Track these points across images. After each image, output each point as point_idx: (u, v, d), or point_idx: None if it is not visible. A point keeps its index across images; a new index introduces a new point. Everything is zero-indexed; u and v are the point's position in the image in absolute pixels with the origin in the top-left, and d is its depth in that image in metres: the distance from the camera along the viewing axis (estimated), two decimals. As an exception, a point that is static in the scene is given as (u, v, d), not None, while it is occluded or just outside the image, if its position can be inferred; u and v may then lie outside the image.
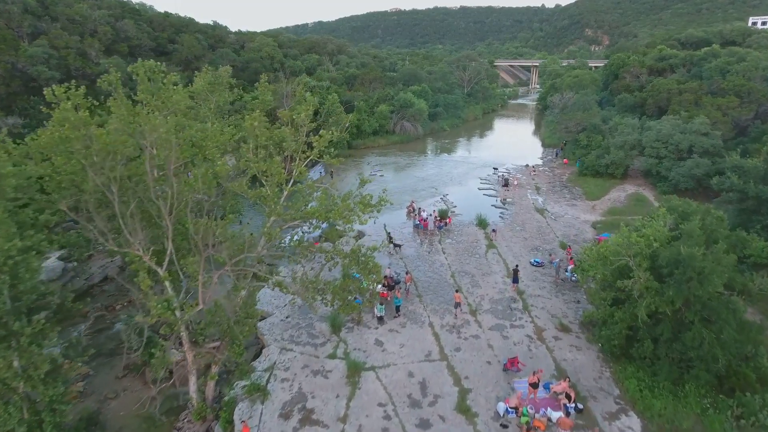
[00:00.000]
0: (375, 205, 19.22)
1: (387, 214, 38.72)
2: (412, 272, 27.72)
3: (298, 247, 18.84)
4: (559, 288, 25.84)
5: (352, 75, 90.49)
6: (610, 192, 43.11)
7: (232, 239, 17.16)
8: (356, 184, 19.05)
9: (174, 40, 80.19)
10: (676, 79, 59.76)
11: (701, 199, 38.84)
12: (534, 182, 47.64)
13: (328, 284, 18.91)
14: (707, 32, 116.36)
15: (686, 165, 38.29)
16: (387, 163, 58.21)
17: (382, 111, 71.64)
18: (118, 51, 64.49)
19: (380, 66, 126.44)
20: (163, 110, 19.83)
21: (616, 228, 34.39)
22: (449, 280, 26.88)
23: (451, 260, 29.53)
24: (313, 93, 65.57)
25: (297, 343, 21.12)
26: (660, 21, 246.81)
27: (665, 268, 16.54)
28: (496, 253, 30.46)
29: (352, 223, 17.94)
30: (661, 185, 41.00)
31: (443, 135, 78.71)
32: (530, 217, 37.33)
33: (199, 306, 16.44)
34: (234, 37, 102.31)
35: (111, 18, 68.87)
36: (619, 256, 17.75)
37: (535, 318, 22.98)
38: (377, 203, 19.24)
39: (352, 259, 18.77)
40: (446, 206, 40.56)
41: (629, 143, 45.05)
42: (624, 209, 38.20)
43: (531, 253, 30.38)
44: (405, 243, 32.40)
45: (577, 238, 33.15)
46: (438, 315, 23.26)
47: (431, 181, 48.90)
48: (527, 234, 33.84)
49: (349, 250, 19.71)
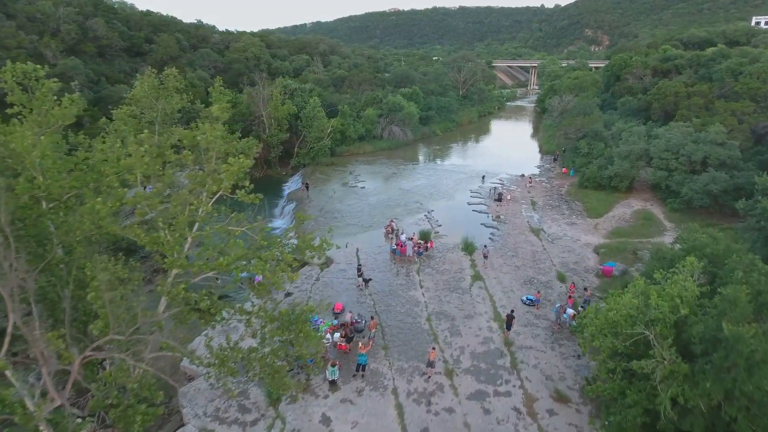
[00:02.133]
0: (317, 248, 14.85)
1: (363, 235, 34.40)
2: (380, 314, 23.25)
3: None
4: (555, 337, 21.40)
5: (339, 76, 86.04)
6: (613, 208, 38.65)
7: (112, 306, 12.63)
8: (331, 197, 14.61)
9: (152, 40, 75.81)
10: (683, 81, 55.32)
11: (717, 218, 34.49)
12: (529, 195, 43.17)
13: (252, 353, 14.46)
14: (710, 32, 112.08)
15: (701, 180, 33.83)
16: (371, 173, 53.75)
17: (369, 115, 67.17)
18: (84, 51, 60.04)
19: (374, 67, 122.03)
20: (45, 125, 15.44)
21: (622, 254, 30.13)
22: (424, 325, 22.41)
23: (429, 297, 25.06)
24: (294, 96, 61.20)
25: (222, 421, 16.61)
26: (660, 21, 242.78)
27: (698, 344, 12.11)
28: (482, 287, 25.99)
29: (279, 284, 13.47)
30: (671, 202, 36.55)
31: (435, 140, 74.24)
32: (524, 239, 32.86)
33: (56, 402, 11.98)
34: (219, 37, 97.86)
35: (79, 16, 64.38)
36: (633, 322, 13.31)
37: (525, 380, 18.53)
38: (319, 246, 14.88)
39: (281, 325, 14.27)
40: (430, 225, 36.11)
41: (635, 153, 40.62)
42: (630, 230, 33.74)
43: (524, 288, 25.92)
44: (378, 273, 27.91)
45: (578, 266, 28.69)
46: (405, 376, 18.79)
47: (416, 194, 44.43)
48: (520, 261, 29.38)
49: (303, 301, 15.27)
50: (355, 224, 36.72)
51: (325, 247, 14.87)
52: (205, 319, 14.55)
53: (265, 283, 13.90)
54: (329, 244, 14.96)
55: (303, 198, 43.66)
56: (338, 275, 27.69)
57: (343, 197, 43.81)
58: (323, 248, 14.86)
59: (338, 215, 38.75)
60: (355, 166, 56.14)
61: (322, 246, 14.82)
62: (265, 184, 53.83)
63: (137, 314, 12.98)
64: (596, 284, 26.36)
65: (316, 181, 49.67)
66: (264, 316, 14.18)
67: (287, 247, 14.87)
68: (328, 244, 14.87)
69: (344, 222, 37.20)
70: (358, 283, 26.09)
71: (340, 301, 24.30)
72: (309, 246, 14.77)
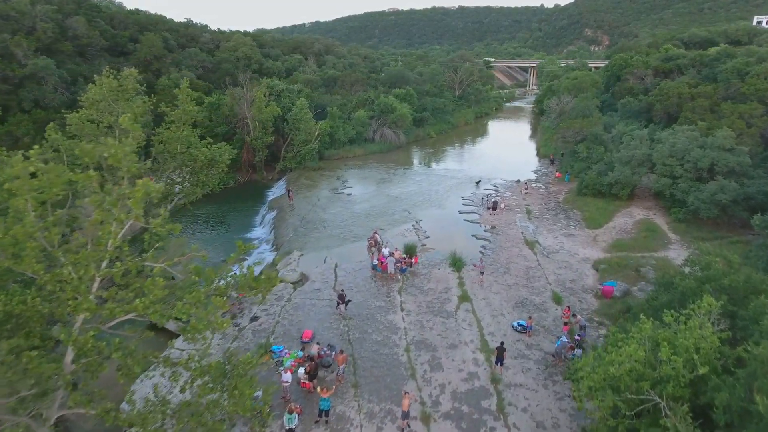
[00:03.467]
0: (260, 283, 12.43)
1: (344, 248, 32.02)
2: (353, 343, 20.79)
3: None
4: (549, 372, 18.93)
5: (331, 77, 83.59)
6: (614, 217, 36.18)
7: None
8: (315, 205, 12.21)
9: (137, 39, 73.26)
10: (687, 82, 52.88)
11: (726, 229, 32.04)
12: (525, 203, 40.70)
13: (184, 408, 12.00)
14: (711, 32, 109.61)
15: (708, 189, 31.36)
16: (360, 177, 51.32)
17: (361, 117, 64.72)
18: (61, 51, 57.55)
19: (370, 67, 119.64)
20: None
21: (624, 271, 27.64)
22: (401, 356, 19.95)
23: (410, 321, 22.61)
24: (281, 97, 58.74)
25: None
26: (661, 21, 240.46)
27: (721, 414, 9.67)
28: (469, 310, 23.54)
29: (203, 332, 11.00)
30: (676, 211, 34.06)
31: (429, 143, 71.77)
32: (517, 253, 30.40)
33: None
34: (209, 36, 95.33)
35: (58, 14, 61.88)
36: (639, 377, 10.86)
37: (512, 429, 16.08)
38: (264, 280, 12.47)
39: (213, 379, 11.79)
40: (417, 236, 33.69)
41: (637, 158, 38.14)
42: (632, 242, 31.26)
43: (515, 311, 23.46)
44: (356, 293, 25.42)
45: (575, 285, 26.23)
46: (375, 423, 16.32)
47: (405, 202, 41.96)
48: (512, 279, 26.92)
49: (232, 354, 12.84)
50: (337, 235, 34.27)
51: (269, 284, 12.45)
52: (123, 371, 12.08)
53: (192, 328, 11.44)
54: (274, 280, 12.54)
55: (285, 206, 41.21)
56: (312, 296, 25.24)
57: (328, 205, 41.37)
58: (269, 283, 12.44)
59: (320, 225, 36.30)
60: (344, 171, 53.70)
61: (267, 280, 12.40)
62: (250, 189, 51.53)
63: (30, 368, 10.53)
64: (595, 306, 23.92)
65: (301, 186, 47.24)
66: (193, 370, 11.72)
67: (229, 279, 12.48)
68: (273, 280, 12.45)
69: (326, 233, 34.74)
70: (338, 311, 23.25)
71: (309, 328, 21.90)
72: (250, 281, 12.34)
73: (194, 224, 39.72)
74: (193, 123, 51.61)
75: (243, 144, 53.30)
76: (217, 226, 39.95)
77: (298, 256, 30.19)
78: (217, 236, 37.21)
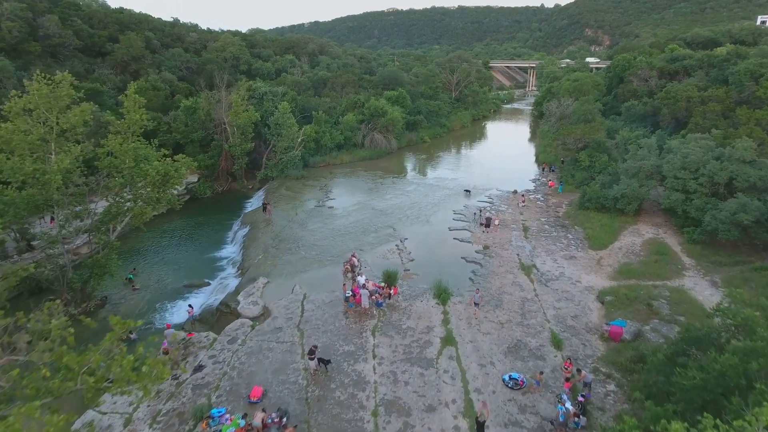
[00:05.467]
0: (141, 377, 8.98)
1: (317, 273, 28.52)
2: (310, 405, 17.24)
3: None
4: (546, 447, 15.42)
5: (321, 78, 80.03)
6: (620, 236, 32.63)
7: None
8: (292, 220, 8.52)
9: (117, 39, 69.74)
10: (696, 84, 49.42)
11: (746, 253, 28.47)
12: (521, 218, 37.16)
13: None
14: (714, 32, 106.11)
15: (728, 207, 27.79)
16: (346, 187, 47.80)
17: (349, 121, 61.17)
18: (29, 51, 54.07)
19: (366, 68, 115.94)
20: None
21: (633, 305, 24.01)
22: (366, 423, 16.39)
23: (382, 373, 19.06)
24: (264, 101, 55.23)
25: None
26: (662, 20, 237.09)
27: None
28: (453, 357, 20.00)
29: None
30: (689, 231, 30.48)
31: (422, 148, 68.20)
32: (511, 280, 26.84)
33: None
34: (196, 36, 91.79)
35: (27, 12, 58.37)
36: None
37: None
38: (145, 374, 9.01)
39: None
40: (400, 258, 30.17)
41: (645, 170, 34.61)
42: (642, 268, 27.66)
43: (507, 358, 19.91)
44: (323, 334, 21.86)
45: (578, 322, 22.69)
46: None
47: (391, 216, 38.41)
48: (505, 314, 23.36)
49: None
50: (311, 258, 30.74)
51: (157, 375, 8.98)
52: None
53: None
54: (161, 373, 9.05)
55: (259, 221, 37.66)
56: (270, 337, 21.69)
57: (307, 220, 37.83)
58: (152, 379, 8.97)
59: (294, 245, 32.76)
60: (329, 180, 50.19)
61: (149, 375, 8.92)
62: (228, 199, 48.08)
63: None
64: (601, 352, 20.37)
65: (280, 198, 43.71)
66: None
67: (102, 369, 9.03)
68: (159, 374, 8.97)
69: (299, 255, 31.20)
70: (309, 367, 18.88)
71: (261, 383, 18.37)
72: (127, 374, 8.87)
73: (160, 240, 36.24)
74: (169, 129, 48.81)
75: (221, 151, 49.87)
76: (185, 243, 36.41)
77: (263, 285, 26.67)
78: (182, 257, 33.66)
